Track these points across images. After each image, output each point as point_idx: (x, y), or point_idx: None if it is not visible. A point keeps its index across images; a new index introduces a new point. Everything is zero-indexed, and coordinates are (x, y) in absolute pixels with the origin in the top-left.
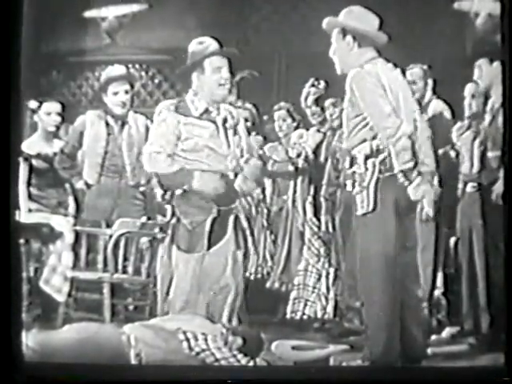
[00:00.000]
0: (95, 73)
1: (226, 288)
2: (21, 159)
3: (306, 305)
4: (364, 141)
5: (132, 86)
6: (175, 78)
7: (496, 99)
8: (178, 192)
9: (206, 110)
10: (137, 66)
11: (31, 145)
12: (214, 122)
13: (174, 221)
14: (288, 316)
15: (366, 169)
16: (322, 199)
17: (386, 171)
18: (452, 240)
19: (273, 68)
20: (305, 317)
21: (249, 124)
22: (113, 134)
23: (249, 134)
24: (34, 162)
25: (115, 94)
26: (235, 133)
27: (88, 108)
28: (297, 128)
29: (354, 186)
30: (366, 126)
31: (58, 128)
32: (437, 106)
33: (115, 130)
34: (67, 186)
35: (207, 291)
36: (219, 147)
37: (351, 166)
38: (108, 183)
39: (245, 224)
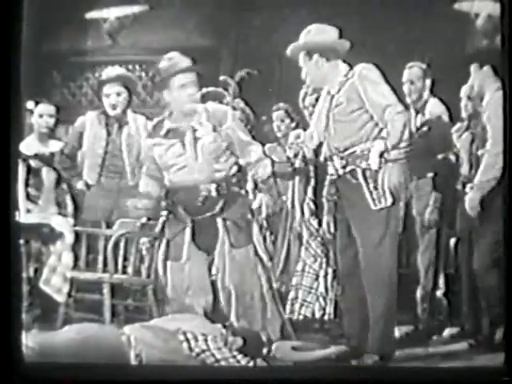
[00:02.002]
0: (95, 73)
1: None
2: (19, 160)
3: (302, 305)
4: (368, 137)
5: (127, 88)
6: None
7: (490, 98)
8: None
9: (169, 130)
10: (137, 66)
11: (28, 145)
12: (180, 139)
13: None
14: (286, 316)
15: (380, 166)
16: (323, 200)
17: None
18: (452, 241)
19: (271, 68)
20: (301, 317)
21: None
22: (112, 135)
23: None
24: (32, 162)
25: (107, 96)
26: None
27: (88, 108)
28: (295, 129)
29: (367, 183)
30: (368, 122)
31: (51, 130)
32: (434, 107)
33: (115, 130)
34: (65, 186)
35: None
36: (187, 162)
37: (345, 166)
38: (108, 184)
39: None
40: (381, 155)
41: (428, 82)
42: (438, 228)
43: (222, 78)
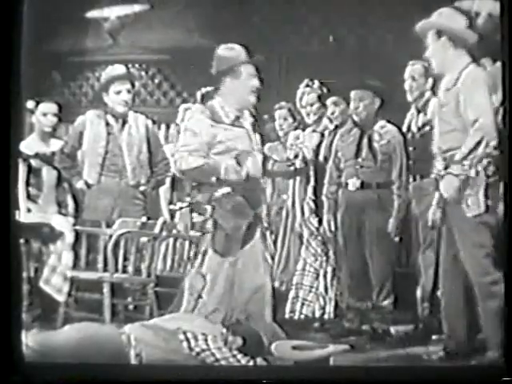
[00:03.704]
0: (95, 73)
1: (262, 288)
2: (20, 159)
3: (303, 304)
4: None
5: (133, 86)
6: (176, 79)
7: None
8: (218, 194)
9: (237, 118)
10: (136, 65)
11: (29, 145)
12: (244, 127)
13: (210, 223)
14: (287, 316)
15: (477, 172)
16: (323, 198)
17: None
18: None
19: (273, 67)
20: (302, 316)
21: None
22: (113, 134)
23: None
24: (33, 161)
25: (118, 92)
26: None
27: (88, 108)
28: (297, 128)
29: (465, 189)
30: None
31: (54, 129)
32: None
33: (115, 129)
34: (66, 185)
35: (243, 291)
36: (251, 151)
37: (446, 167)
38: (108, 183)
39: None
40: (478, 162)
41: (430, 80)
42: (440, 228)
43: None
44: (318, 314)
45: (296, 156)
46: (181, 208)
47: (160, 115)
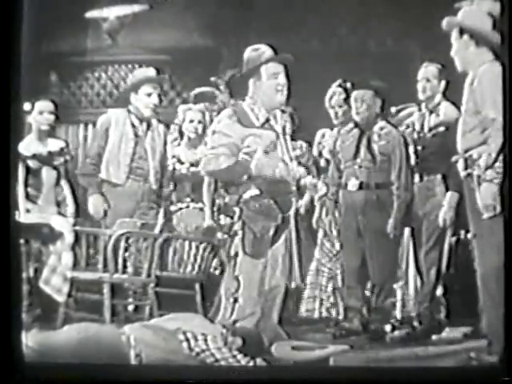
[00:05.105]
0: (95, 73)
1: (276, 289)
2: (19, 160)
3: (321, 304)
4: (483, 143)
5: (162, 89)
6: (175, 79)
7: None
8: (247, 196)
9: (267, 120)
10: (136, 66)
11: (27, 146)
12: (275, 130)
13: (239, 225)
14: (304, 315)
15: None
16: (325, 198)
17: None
18: (452, 240)
19: None
20: (323, 315)
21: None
22: (139, 136)
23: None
24: (30, 162)
25: (149, 95)
26: (292, 138)
27: (87, 108)
28: (294, 130)
29: (479, 190)
30: (486, 128)
31: (52, 128)
32: (449, 110)
33: (140, 131)
34: (65, 185)
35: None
36: (281, 154)
37: (466, 168)
38: (134, 186)
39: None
40: (493, 163)
41: (443, 82)
42: (443, 228)
43: (212, 78)
44: (334, 313)
45: (320, 154)
46: (180, 209)
47: (159, 115)
